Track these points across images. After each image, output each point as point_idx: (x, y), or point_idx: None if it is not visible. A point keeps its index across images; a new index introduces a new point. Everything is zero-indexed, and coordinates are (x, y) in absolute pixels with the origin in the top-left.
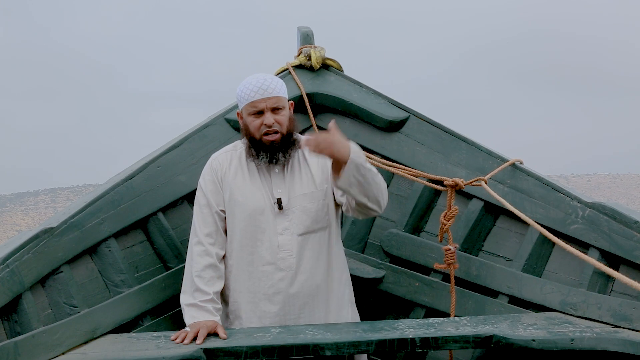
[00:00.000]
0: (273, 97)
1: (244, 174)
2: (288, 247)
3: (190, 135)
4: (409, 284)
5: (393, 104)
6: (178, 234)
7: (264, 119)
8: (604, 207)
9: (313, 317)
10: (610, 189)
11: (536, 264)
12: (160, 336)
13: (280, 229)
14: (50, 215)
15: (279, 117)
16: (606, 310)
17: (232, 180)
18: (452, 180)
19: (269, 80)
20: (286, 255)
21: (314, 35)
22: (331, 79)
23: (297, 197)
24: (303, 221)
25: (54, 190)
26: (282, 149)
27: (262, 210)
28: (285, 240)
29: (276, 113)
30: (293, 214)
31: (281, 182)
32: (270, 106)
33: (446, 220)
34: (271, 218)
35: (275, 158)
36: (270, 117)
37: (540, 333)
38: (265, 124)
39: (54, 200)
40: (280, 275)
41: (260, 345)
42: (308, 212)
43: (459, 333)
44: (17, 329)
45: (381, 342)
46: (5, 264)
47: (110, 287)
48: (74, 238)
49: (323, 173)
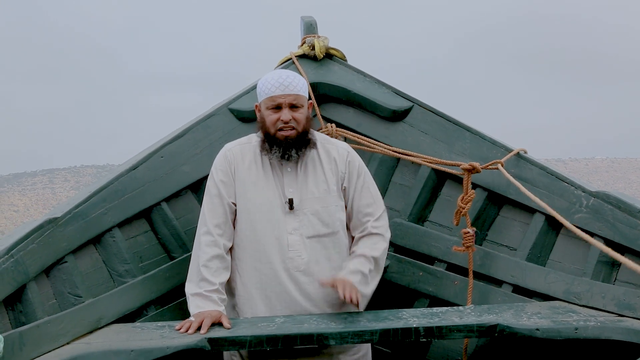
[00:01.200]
0: (293, 94)
1: (257, 170)
2: (297, 248)
3: (194, 125)
4: (413, 274)
5: (397, 93)
6: (182, 223)
7: (281, 114)
8: (609, 196)
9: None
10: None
11: (540, 253)
12: (165, 326)
13: (290, 229)
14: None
15: (296, 115)
16: (610, 299)
17: (245, 174)
18: (469, 164)
19: (291, 77)
20: (295, 256)
21: (317, 24)
22: (335, 68)
23: (309, 199)
24: (313, 224)
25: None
26: (296, 146)
27: (273, 208)
28: (294, 240)
29: (294, 110)
30: (304, 216)
31: (293, 182)
32: (289, 102)
33: (464, 204)
34: (281, 217)
35: (287, 154)
36: (287, 113)
37: (545, 322)
38: (282, 120)
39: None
40: (288, 275)
41: (264, 335)
42: (319, 216)
43: (463, 322)
44: (22, 319)
45: (385, 331)
46: (10, 254)
47: (115, 277)
48: (78, 228)
49: (337, 178)
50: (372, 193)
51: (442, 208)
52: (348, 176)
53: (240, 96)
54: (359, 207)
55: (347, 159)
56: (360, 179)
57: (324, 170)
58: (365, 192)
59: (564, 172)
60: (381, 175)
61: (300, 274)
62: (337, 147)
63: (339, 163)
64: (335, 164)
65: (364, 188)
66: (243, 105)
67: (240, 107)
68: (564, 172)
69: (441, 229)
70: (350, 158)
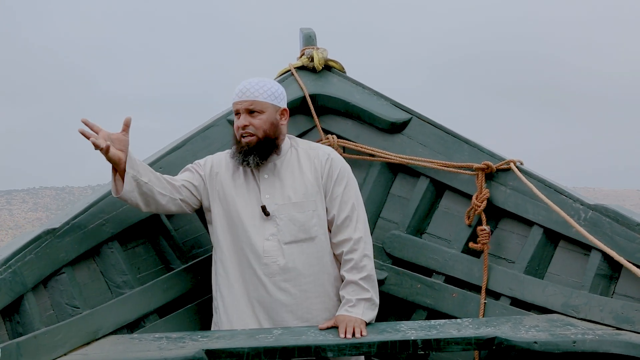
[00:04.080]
0: (249, 100)
1: (238, 178)
2: (273, 254)
3: (193, 136)
4: (411, 286)
5: (395, 105)
6: (180, 235)
7: (238, 120)
8: (607, 209)
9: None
10: None
11: (538, 266)
12: (162, 337)
13: (267, 235)
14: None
15: (254, 120)
16: (608, 313)
17: (224, 180)
18: (483, 162)
19: (253, 83)
20: (270, 262)
21: (316, 36)
22: (334, 80)
23: (286, 205)
24: (290, 230)
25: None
26: (256, 152)
27: (249, 214)
28: (270, 246)
29: (252, 116)
30: (281, 221)
31: (269, 188)
32: (244, 108)
33: (479, 202)
34: (258, 223)
35: (246, 160)
36: (243, 119)
37: (543, 335)
38: (238, 125)
39: (9, 202)
40: (265, 281)
41: (262, 347)
42: (295, 221)
43: (461, 335)
44: (19, 329)
45: (383, 343)
46: (8, 264)
47: (112, 288)
48: (76, 239)
49: (317, 183)
50: (351, 201)
51: (441, 220)
52: (326, 179)
53: None
54: (337, 215)
55: (328, 161)
56: (340, 186)
57: (303, 174)
58: (344, 200)
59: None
60: (379, 187)
61: (275, 280)
62: (318, 151)
63: (318, 166)
64: (314, 168)
65: (344, 195)
66: None
67: None
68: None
69: (439, 241)
70: (332, 162)
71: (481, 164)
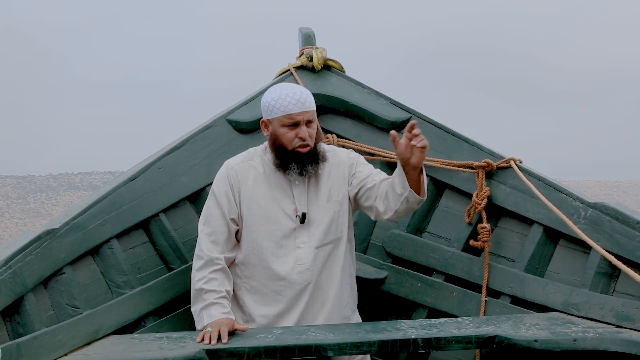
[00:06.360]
0: (310, 111)
1: (264, 187)
2: (305, 261)
3: (192, 136)
4: (411, 285)
5: (395, 104)
6: (180, 234)
7: (299, 131)
8: (607, 208)
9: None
10: None
11: (538, 265)
12: (163, 337)
13: (299, 242)
14: None
15: (311, 131)
16: (609, 311)
17: (250, 192)
18: (484, 161)
19: (305, 93)
20: (304, 269)
21: (315, 36)
22: (333, 79)
23: (319, 210)
24: (319, 233)
25: None
26: (312, 161)
27: (282, 224)
28: (302, 253)
29: (309, 126)
30: (312, 227)
31: (302, 195)
32: (306, 119)
33: (480, 200)
34: (291, 232)
35: (305, 170)
36: (305, 130)
37: (543, 333)
38: (301, 137)
39: None
40: (298, 288)
41: (262, 346)
42: (323, 224)
43: (461, 333)
44: (20, 330)
45: (383, 342)
46: (8, 265)
47: (113, 289)
48: (76, 239)
49: (338, 183)
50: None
51: (440, 219)
52: (355, 172)
53: (238, 107)
54: (368, 175)
55: (351, 159)
56: (364, 165)
57: (330, 179)
58: (370, 168)
59: (568, 187)
60: None
61: (308, 286)
62: (340, 153)
63: (345, 167)
64: (341, 169)
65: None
66: (241, 116)
67: (238, 118)
68: (568, 187)
69: (439, 240)
70: (353, 157)
71: (482, 162)
